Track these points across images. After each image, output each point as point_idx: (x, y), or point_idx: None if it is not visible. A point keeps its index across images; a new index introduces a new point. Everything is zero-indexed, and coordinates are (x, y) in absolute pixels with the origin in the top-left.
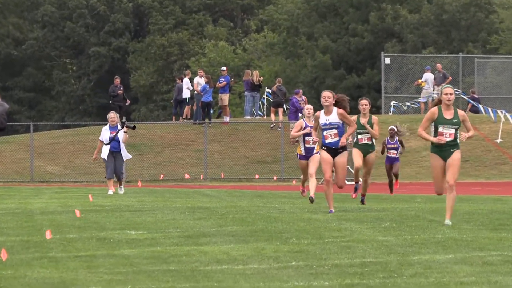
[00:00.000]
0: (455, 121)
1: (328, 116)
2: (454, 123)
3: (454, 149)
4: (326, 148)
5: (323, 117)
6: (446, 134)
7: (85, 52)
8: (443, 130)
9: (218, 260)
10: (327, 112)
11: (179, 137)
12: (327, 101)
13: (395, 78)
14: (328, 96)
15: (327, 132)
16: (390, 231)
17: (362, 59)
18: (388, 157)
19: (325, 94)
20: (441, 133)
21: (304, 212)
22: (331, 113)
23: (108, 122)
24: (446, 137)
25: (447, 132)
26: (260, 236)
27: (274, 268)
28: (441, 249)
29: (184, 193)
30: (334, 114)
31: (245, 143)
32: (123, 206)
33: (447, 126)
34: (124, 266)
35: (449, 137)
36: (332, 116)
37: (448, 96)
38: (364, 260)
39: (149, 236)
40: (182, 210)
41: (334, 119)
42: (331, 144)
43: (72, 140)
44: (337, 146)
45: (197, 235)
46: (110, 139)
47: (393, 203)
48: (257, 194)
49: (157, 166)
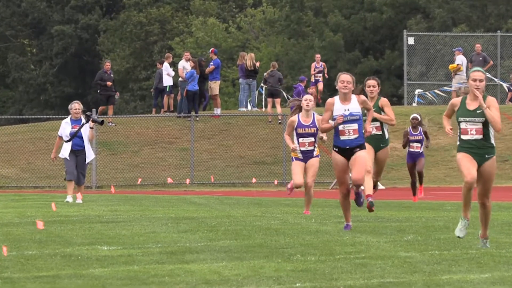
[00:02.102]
0: (479, 112)
1: (346, 104)
2: (478, 114)
3: (490, 155)
4: (338, 149)
5: (339, 106)
6: (472, 130)
7: (47, 32)
8: (466, 125)
9: (207, 281)
10: (345, 99)
11: (160, 133)
12: (346, 87)
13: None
14: (348, 80)
15: (344, 126)
16: (414, 245)
17: (380, 39)
18: (410, 153)
19: (344, 77)
20: (464, 130)
21: (311, 223)
22: (350, 101)
23: (69, 114)
24: (473, 134)
25: (472, 127)
26: (258, 252)
27: None
28: (476, 266)
29: (166, 200)
30: (354, 102)
31: (239, 141)
32: (93, 217)
33: (470, 119)
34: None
35: (476, 134)
36: (352, 105)
37: (477, 84)
38: (383, 280)
39: (124, 253)
40: (164, 221)
41: (355, 109)
42: (346, 144)
43: (31, 137)
44: (353, 145)
45: (182, 251)
46: (71, 135)
47: (417, 212)
48: (255, 202)
49: (133, 169)
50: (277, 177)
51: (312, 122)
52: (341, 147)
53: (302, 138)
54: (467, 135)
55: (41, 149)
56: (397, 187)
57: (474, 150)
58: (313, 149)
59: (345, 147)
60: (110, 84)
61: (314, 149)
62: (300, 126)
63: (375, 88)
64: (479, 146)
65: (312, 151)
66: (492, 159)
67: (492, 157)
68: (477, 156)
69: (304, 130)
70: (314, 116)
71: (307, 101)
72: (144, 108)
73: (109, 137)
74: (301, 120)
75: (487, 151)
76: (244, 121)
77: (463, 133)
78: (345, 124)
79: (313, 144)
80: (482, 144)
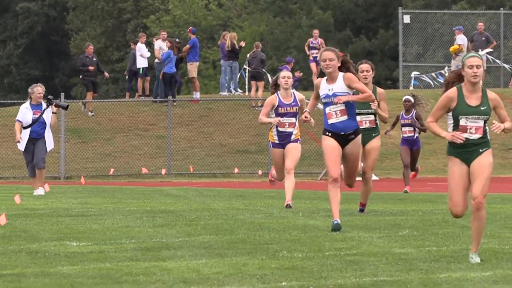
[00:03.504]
0: (483, 109)
1: (331, 84)
2: (482, 112)
3: (484, 148)
4: (331, 133)
5: (324, 86)
6: (472, 128)
7: (10, 9)
8: (466, 123)
9: (185, 279)
10: (330, 79)
11: (134, 119)
12: (329, 66)
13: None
14: (330, 57)
15: (331, 108)
16: (410, 241)
17: (373, 17)
18: (404, 139)
19: (326, 55)
20: (463, 127)
21: (298, 216)
22: (336, 81)
23: (29, 98)
24: (472, 133)
25: (473, 125)
26: (241, 248)
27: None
28: (477, 264)
29: (141, 192)
30: (340, 82)
31: (220, 127)
32: (61, 210)
33: (472, 116)
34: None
35: (475, 133)
36: (337, 85)
37: (474, 70)
38: (376, 279)
39: (95, 249)
40: (139, 214)
41: (340, 89)
42: (337, 127)
43: None
44: (347, 131)
45: (158, 248)
46: (33, 120)
47: (413, 205)
48: (237, 194)
49: (105, 158)
50: (262, 167)
51: (293, 100)
52: (333, 132)
53: (283, 118)
54: (464, 134)
55: (4, 136)
56: (391, 177)
57: (468, 148)
58: (292, 131)
59: (338, 133)
60: (92, 69)
61: (293, 132)
62: (281, 105)
63: (369, 73)
64: (476, 143)
65: (290, 133)
66: (488, 153)
67: (487, 151)
68: (471, 154)
69: (286, 110)
70: (294, 95)
71: (285, 78)
72: (117, 92)
73: (79, 123)
74: (281, 99)
75: (482, 146)
76: (225, 106)
77: (462, 131)
78: (329, 105)
79: (294, 125)
80: (479, 141)
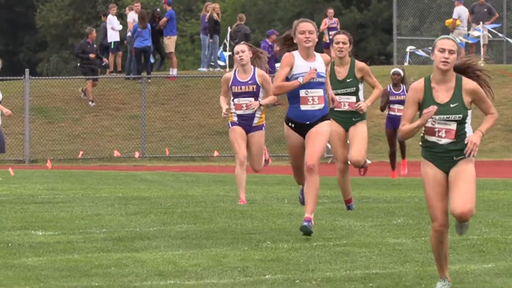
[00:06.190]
0: (453, 106)
1: (311, 62)
2: (453, 110)
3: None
4: (294, 124)
5: (302, 63)
6: (441, 131)
7: None
8: (434, 124)
9: (160, 272)
10: (307, 56)
11: (105, 98)
12: (309, 40)
13: (412, 14)
14: (309, 30)
15: (308, 92)
16: (404, 230)
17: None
18: (390, 117)
19: (305, 26)
20: (430, 130)
21: (283, 204)
22: (315, 59)
23: None
24: (441, 137)
25: (442, 127)
26: (221, 238)
27: (240, 284)
28: (477, 255)
29: (112, 177)
30: (320, 61)
31: (199, 107)
32: (25, 197)
33: (441, 117)
34: (27, 281)
35: (446, 137)
36: (318, 63)
37: (445, 55)
38: (367, 271)
39: (62, 239)
40: (110, 201)
41: (322, 68)
42: (307, 117)
43: None
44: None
45: (131, 238)
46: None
47: (408, 191)
48: (217, 179)
49: (74, 140)
50: None
51: (251, 78)
52: (298, 123)
53: (238, 99)
54: (433, 137)
55: None
56: (385, 161)
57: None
58: (253, 114)
59: (304, 123)
60: (93, 57)
61: (254, 115)
62: (235, 84)
63: (345, 45)
64: (452, 149)
65: (252, 117)
66: (469, 162)
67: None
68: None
69: (240, 89)
70: (254, 71)
71: (239, 53)
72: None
73: (45, 102)
74: (237, 76)
75: (458, 153)
76: (204, 84)
77: (428, 133)
78: (308, 88)
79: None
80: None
